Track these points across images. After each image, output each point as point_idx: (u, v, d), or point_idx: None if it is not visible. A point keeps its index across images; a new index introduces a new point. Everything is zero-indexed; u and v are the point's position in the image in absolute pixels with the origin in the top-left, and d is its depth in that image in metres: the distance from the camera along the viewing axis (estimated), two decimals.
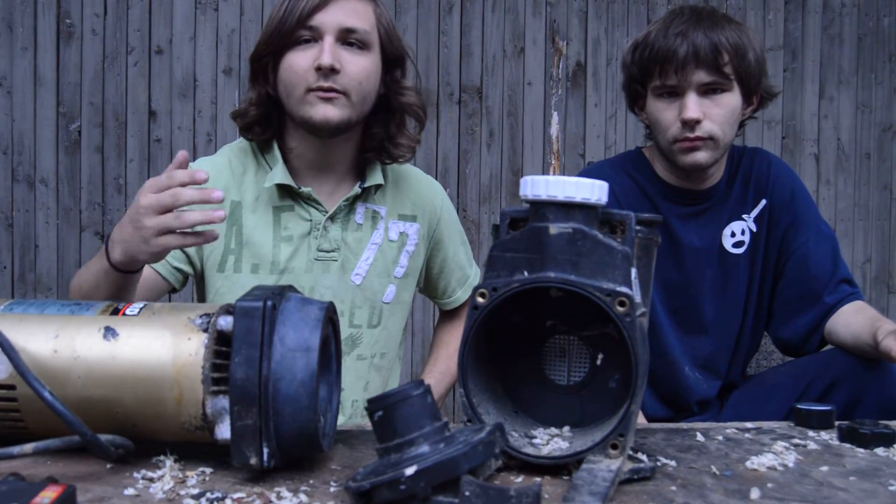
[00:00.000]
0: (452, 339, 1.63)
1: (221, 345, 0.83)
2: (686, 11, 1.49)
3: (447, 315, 1.67)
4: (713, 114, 1.45)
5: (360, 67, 1.33)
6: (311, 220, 1.41)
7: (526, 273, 0.86)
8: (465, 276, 1.61)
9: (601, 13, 3.55)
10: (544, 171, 3.50)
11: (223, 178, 1.40)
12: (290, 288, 0.90)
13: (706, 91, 1.45)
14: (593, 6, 3.54)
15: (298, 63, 1.32)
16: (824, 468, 0.93)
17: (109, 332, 0.84)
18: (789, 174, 1.62)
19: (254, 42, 1.41)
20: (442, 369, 1.59)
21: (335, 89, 1.31)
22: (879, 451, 1.01)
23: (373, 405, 0.79)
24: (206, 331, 0.83)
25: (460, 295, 1.61)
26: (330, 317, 0.89)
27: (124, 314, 0.86)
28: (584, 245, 0.85)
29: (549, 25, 3.52)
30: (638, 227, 0.89)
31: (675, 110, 1.46)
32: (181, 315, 0.86)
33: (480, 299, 0.87)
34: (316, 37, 1.32)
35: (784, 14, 3.67)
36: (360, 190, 1.42)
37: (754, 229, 1.58)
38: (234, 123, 1.43)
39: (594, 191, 0.85)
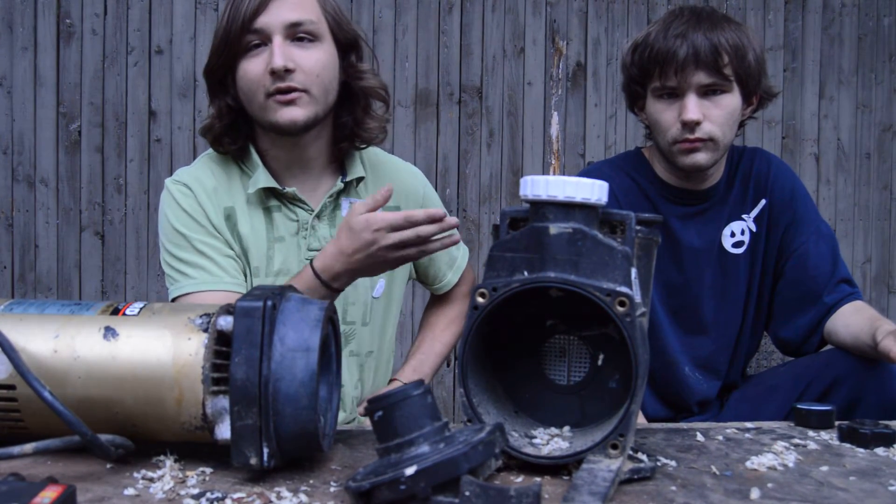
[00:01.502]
0: (439, 321, 1.62)
1: (221, 345, 0.83)
2: (686, 12, 1.48)
3: (437, 298, 1.67)
4: (713, 115, 1.45)
5: (315, 60, 1.32)
6: (298, 220, 1.40)
7: (526, 273, 0.86)
8: (452, 258, 1.60)
9: (601, 13, 3.55)
10: (544, 171, 3.50)
11: (209, 186, 1.38)
12: (290, 288, 0.90)
13: (706, 92, 1.45)
14: (593, 6, 3.54)
15: (252, 70, 1.31)
16: (824, 468, 0.93)
17: (109, 332, 0.84)
18: (789, 174, 1.62)
19: None
20: (425, 350, 1.57)
21: (295, 88, 1.29)
22: (879, 451, 1.01)
23: (373, 405, 0.79)
24: (206, 331, 0.83)
25: (450, 278, 1.60)
26: (330, 316, 0.89)
27: (124, 314, 0.86)
28: (584, 245, 0.85)
29: (549, 25, 3.52)
30: (638, 227, 0.89)
31: (675, 111, 1.46)
32: (181, 315, 0.86)
33: (480, 299, 0.87)
34: (264, 39, 1.31)
35: (784, 14, 3.67)
36: (342, 185, 1.42)
37: (754, 229, 1.58)
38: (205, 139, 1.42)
39: (594, 191, 0.85)
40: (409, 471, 0.70)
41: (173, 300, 1.36)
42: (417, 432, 0.77)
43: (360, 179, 1.45)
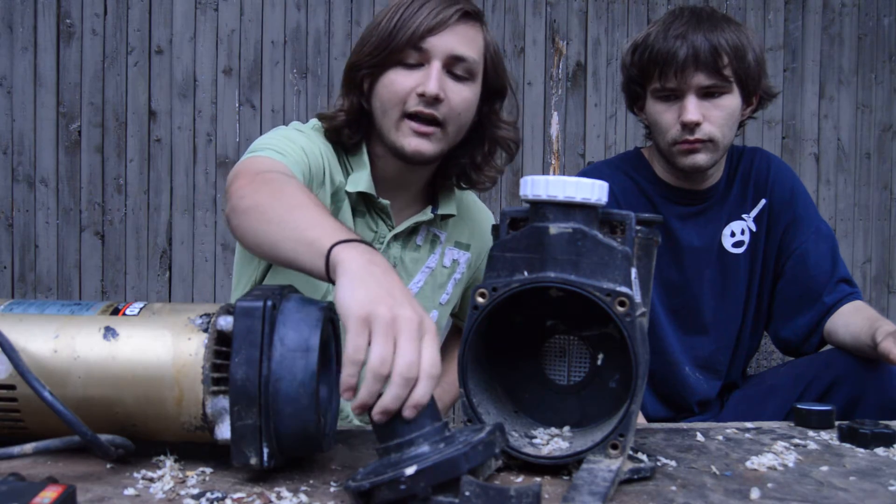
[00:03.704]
0: (452, 366, 1.59)
1: (221, 345, 0.83)
2: (685, 13, 1.48)
3: (457, 331, 1.63)
4: (713, 116, 1.45)
5: (462, 98, 1.28)
6: (376, 232, 1.36)
7: (526, 273, 0.86)
8: None
9: (601, 13, 3.55)
10: (544, 171, 3.50)
11: (328, 154, 1.32)
12: (291, 288, 0.90)
13: (706, 93, 1.45)
14: (593, 6, 3.54)
15: (401, 84, 1.26)
16: (824, 468, 0.93)
17: (109, 332, 0.84)
18: (789, 174, 1.62)
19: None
20: (449, 380, 1.56)
21: (435, 119, 1.26)
22: (879, 451, 1.01)
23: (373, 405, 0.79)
24: (206, 331, 0.83)
25: None
26: (330, 317, 0.89)
27: (124, 314, 0.86)
28: (584, 245, 0.85)
29: (549, 25, 3.52)
30: (638, 227, 0.89)
31: (675, 112, 1.46)
32: (181, 315, 0.86)
33: (480, 299, 0.87)
34: (423, 60, 1.26)
35: (784, 14, 3.67)
36: (432, 216, 1.39)
37: (754, 229, 1.58)
38: (323, 123, 1.35)
39: (594, 191, 0.85)
40: (409, 471, 0.70)
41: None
42: (417, 432, 0.77)
43: (449, 217, 1.43)
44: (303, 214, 0.96)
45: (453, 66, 1.27)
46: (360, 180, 1.32)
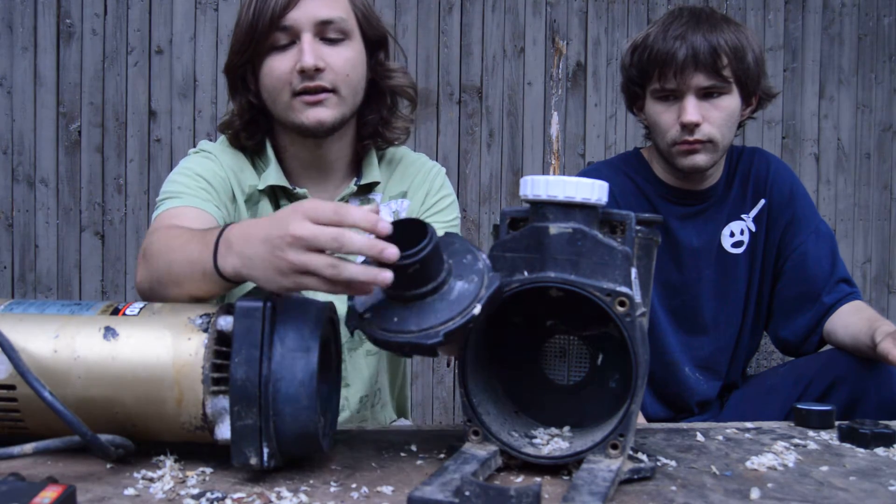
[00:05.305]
0: None
1: (221, 345, 0.83)
2: (685, 13, 1.48)
3: None
4: (712, 117, 1.45)
5: (345, 60, 1.27)
6: None
7: (526, 273, 0.86)
8: None
9: (601, 13, 3.55)
10: (544, 171, 3.50)
11: (239, 163, 1.34)
12: None
13: (705, 94, 1.45)
14: (593, 6, 3.54)
15: (279, 68, 1.26)
16: (824, 468, 0.93)
17: (109, 332, 0.84)
18: (788, 174, 1.62)
19: None
20: None
21: (323, 88, 1.25)
22: (879, 451, 1.01)
23: (407, 259, 0.80)
24: (206, 331, 0.83)
25: None
26: (330, 317, 0.89)
27: (124, 314, 0.86)
28: (584, 245, 0.85)
29: (549, 25, 3.52)
30: (638, 227, 0.89)
31: (674, 113, 1.46)
32: (181, 315, 0.86)
33: None
34: (292, 37, 1.26)
35: (784, 14, 3.67)
36: (355, 188, 1.38)
37: (753, 229, 1.58)
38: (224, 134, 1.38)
39: (594, 191, 0.85)
40: (477, 310, 0.81)
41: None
42: (444, 274, 0.83)
43: (374, 184, 1.41)
44: (176, 259, 0.99)
45: (324, 32, 1.27)
46: (269, 175, 1.34)
